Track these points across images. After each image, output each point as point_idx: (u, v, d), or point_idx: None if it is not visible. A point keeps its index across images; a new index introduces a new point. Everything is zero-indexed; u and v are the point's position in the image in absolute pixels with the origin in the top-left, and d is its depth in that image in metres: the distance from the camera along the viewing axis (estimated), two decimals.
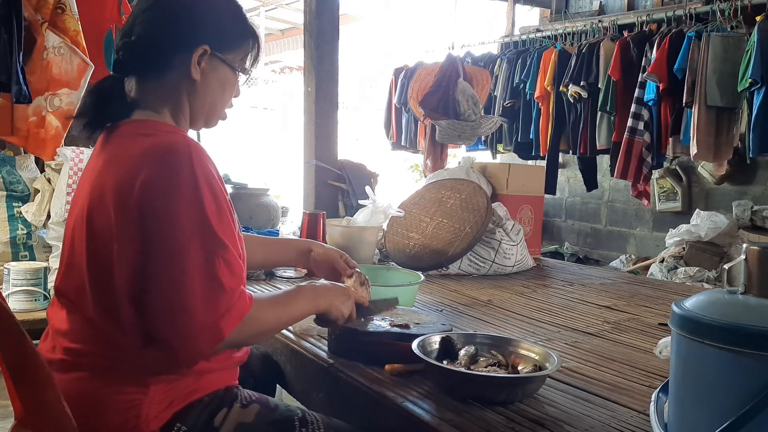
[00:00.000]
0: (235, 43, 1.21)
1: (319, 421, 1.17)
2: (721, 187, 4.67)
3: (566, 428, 1.03)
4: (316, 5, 3.30)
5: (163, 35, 1.15)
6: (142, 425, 1.05)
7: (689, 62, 3.84)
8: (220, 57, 1.18)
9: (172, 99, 1.18)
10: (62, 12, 2.90)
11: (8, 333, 0.90)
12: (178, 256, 1.01)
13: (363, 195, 2.56)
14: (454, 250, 2.25)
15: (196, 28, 1.16)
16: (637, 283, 2.49)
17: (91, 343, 1.09)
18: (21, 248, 3.09)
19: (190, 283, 1.00)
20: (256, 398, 1.19)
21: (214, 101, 1.21)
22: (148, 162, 1.04)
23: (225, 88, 1.22)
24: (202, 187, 1.04)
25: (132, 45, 1.16)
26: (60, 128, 2.98)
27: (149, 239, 1.02)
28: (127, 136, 1.12)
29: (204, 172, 1.05)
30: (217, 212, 1.05)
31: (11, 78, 2.68)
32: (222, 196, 1.08)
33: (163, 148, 1.07)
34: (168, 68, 1.16)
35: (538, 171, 3.10)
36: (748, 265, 0.83)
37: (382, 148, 6.22)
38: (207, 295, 1.01)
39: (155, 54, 1.15)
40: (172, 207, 1.02)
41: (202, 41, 1.15)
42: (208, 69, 1.17)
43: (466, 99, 3.12)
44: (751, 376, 0.77)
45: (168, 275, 1.01)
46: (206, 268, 1.01)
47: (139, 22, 1.17)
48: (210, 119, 1.24)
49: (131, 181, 1.03)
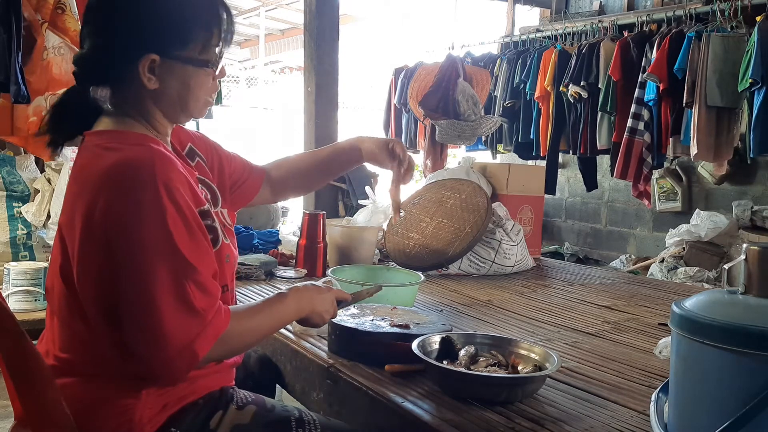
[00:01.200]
0: (184, 38, 1.08)
1: (317, 421, 1.16)
2: (721, 187, 4.67)
3: (566, 428, 1.03)
4: (316, 5, 3.30)
5: (107, 49, 1.07)
6: (136, 430, 1.04)
7: (689, 62, 3.84)
8: (173, 59, 1.07)
9: (139, 106, 1.11)
10: (62, 12, 2.90)
11: (8, 333, 0.90)
12: (146, 283, 0.97)
13: (363, 195, 2.56)
14: (454, 250, 2.25)
15: (134, 39, 1.06)
16: (637, 283, 2.49)
17: (78, 354, 1.07)
18: (21, 248, 3.09)
19: (160, 309, 0.96)
20: (252, 399, 1.18)
21: (184, 101, 1.12)
22: (110, 184, 0.99)
23: (191, 85, 1.11)
24: (167, 208, 0.98)
25: (83, 57, 1.10)
26: None
27: (116, 265, 0.98)
28: (93, 151, 1.06)
29: (169, 189, 0.99)
30: (186, 232, 1.00)
31: (10, 78, 2.68)
32: (190, 213, 1.02)
33: (124, 166, 1.00)
34: (123, 79, 1.08)
35: (538, 171, 3.10)
36: (748, 265, 0.83)
37: None
38: (178, 319, 0.97)
39: (104, 67, 1.08)
40: (137, 231, 0.97)
41: (146, 50, 1.05)
42: (164, 74, 1.08)
43: (466, 99, 3.12)
44: (751, 376, 0.77)
45: (137, 302, 0.97)
46: (176, 293, 0.97)
47: (84, 34, 1.10)
48: (191, 113, 1.15)
49: (93, 205, 0.99)
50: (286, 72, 11.06)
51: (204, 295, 1.01)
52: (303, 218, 2.23)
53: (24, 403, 0.97)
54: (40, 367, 0.95)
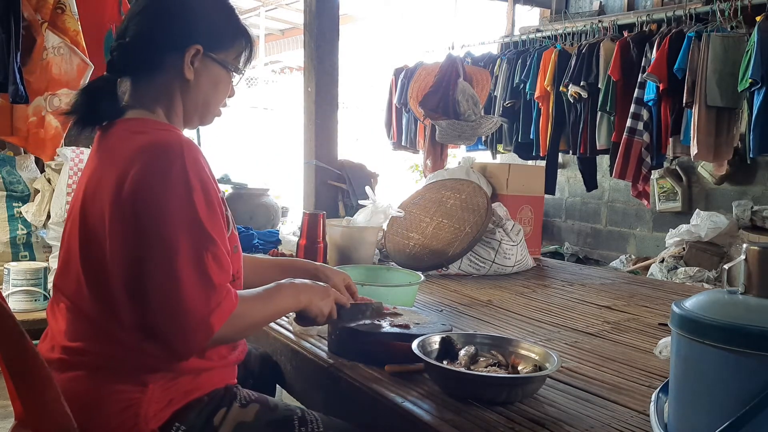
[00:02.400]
0: (228, 43, 1.22)
1: (319, 420, 1.17)
2: (721, 187, 4.67)
3: (566, 428, 1.03)
4: (316, 5, 3.30)
5: (156, 36, 1.16)
6: (141, 424, 1.05)
7: (689, 62, 3.84)
8: (213, 56, 1.19)
9: (165, 98, 1.19)
10: (62, 12, 2.90)
11: (8, 333, 0.90)
12: (169, 252, 1.02)
13: (363, 195, 2.56)
14: (454, 250, 2.25)
15: (188, 28, 1.17)
16: (637, 283, 2.49)
17: (90, 340, 1.09)
18: (21, 248, 3.09)
19: (181, 279, 1.01)
20: (255, 398, 1.19)
21: (207, 100, 1.23)
22: (141, 157, 1.05)
23: (218, 87, 1.23)
24: (192, 183, 1.05)
25: (125, 46, 1.17)
26: (59, 128, 2.98)
27: (141, 234, 1.03)
28: (122, 134, 1.13)
29: (196, 169, 1.06)
30: (206, 208, 1.06)
31: (8, 78, 2.68)
32: (214, 193, 1.09)
33: (156, 144, 1.08)
34: (161, 68, 1.17)
35: (538, 171, 3.10)
36: (748, 265, 0.83)
37: (382, 148, 6.22)
38: (198, 290, 1.02)
39: (148, 54, 1.17)
40: (162, 201, 1.03)
41: (194, 41, 1.16)
42: (201, 68, 1.19)
43: (466, 99, 3.12)
44: (751, 376, 0.77)
45: (160, 271, 1.02)
46: (196, 264, 1.03)
47: (132, 24, 1.18)
48: (204, 117, 1.25)
49: (124, 177, 1.04)
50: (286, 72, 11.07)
51: (220, 270, 1.06)
52: (303, 218, 2.23)
53: (24, 403, 0.97)
54: (40, 367, 0.95)
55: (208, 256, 1.04)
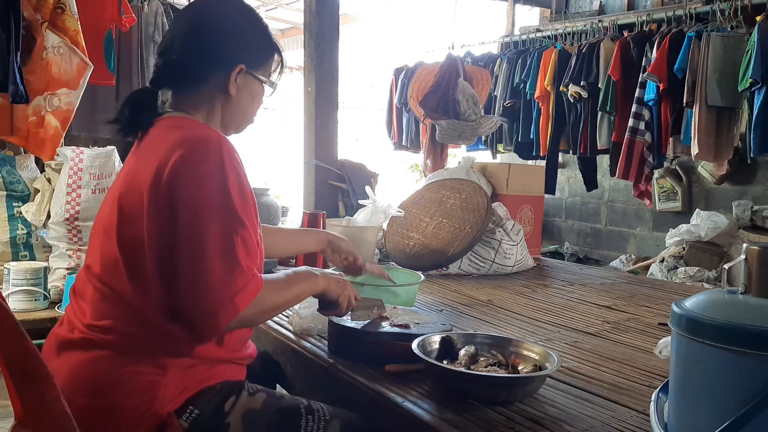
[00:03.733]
0: (264, 59, 1.32)
1: (324, 409, 1.20)
2: (721, 187, 4.66)
3: (566, 428, 1.03)
4: (316, 5, 3.30)
5: (205, 56, 1.25)
6: (157, 406, 1.10)
7: (689, 62, 3.84)
8: (253, 73, 1.29)
9: (206, 108, 1.27)
10: (62, 12, 2.90)
11: (8, 333, 0.90)
12: (200, 233, 1.07)
13: (363, 195, 2.56)
14: (454, 250, 2.25)
15: (233, 49, 1.26)
16: (637, 283, 2.49)
17: (118, 320, 1.13)
18: (21, 248, 3.09)
19: (210, 259, 1.06)
20: (262, 389, 1.24)
21: (245, 112, 1.32)
22: (180, 148, 1.12)
23: (255, 99, 1.33)
24: (228, 172, 1.11)
25: (172, 63, 1.26)
26: (59, 128, 2.98)
27: (175, 217, 1.08)
28: (162, 130, 1.21)
29: (232, 161, 1.13)
30: (240, 195, 1.12)
31: (8, 77, 2.68)
32: (248, 186, 1.16)
33: (195, 137, 1.15)
34: (205, 83, 1.26)
35: (538, 171, 3.10)
36: (748, 265, 0.83)
37: (382, 148, 6.22)
38: (225, 271, 1.07)
39: (194, 72, 1.25)
40: (198, 186, 1.09)
41: (239, 60, 1.26)
42: (242, 84, 1.28)
43: (466, 99, 3.12)
44: (751, 376, 0.77)
45: (190, 250, 1.07)
46: (225, 245, 1.08)
47: (179, 43, 1.26)
48: (240, 127, 1.35)
49: (164, 165, 1.10)
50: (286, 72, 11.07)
51: (248, 255, 1.11)
52: (303, 218, 2.23)
53: (24, 402, 0.97)
54: (40, 367, 0.95)
55: (237, 239, 1.09)
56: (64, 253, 2.91)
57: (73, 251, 2.91)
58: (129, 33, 3.80)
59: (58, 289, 2.86)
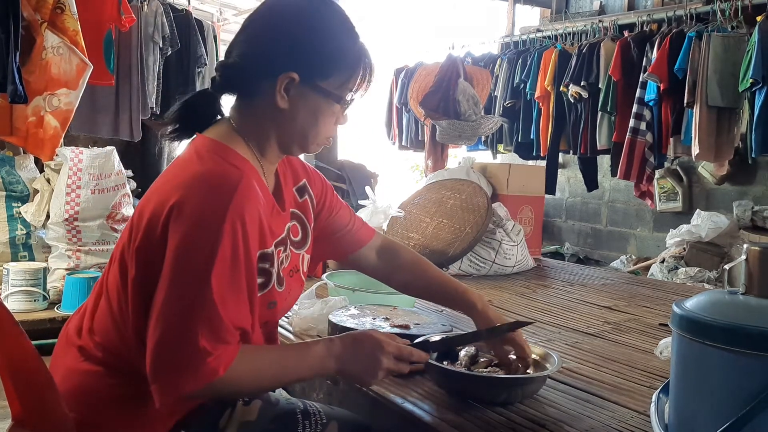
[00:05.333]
0: (334, 69, 1.10)
1: (321, 411, 1.17)
2: (721, 187, 4.66)
3: (566, 429, 1.03)
4: None
5: (251, 60, 1.10)
6: (148, 428, 1.05)
7: (690, 62, 3.84)
8: (313, 85, 1.09)
9: (258, 124, 1.12)
10: (61, 12, 2.90)
11: (7, 333, 0.90)
12: (168, 299, 0.96)
13: (363, 195, 2.56)
14: (454, 250, 2.24)
15: (282, 54, 1.08)
16: (637, 283, 2.49)
17: (112, 340, 1.08)
18: (20, 248, 3.09)
19: (168, 330, 0.95)
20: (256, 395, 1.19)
21: (304, 131, 1.12)
22: (188, 191, 1.00)
23: (318, 117, 1.12)
24: (225, 231, 0.97)
25: (227, 66, 1.12)
26: (59, 128, 2.98)
27: (160, 268, 0.98)
28: (194, 151, 1.09)
29: (235, 223, 0.98)
30: (230, 262, 0.98)
31: (7, 78, 2.68)
32: (244, 254, 1.00)
33: (209, 179, 1.01)
34: (257, 93, 1.10)
35: (539, 171, 3.10)
36: (748, 266, 0.83)
37: (382, 148, 6.22)
38: (176, 350, 0.95)
39: (244, 78, 1.11)
40: (186, 243, 0.97)
41: (289, 68, 1.07)
42: (297, 97, 1.09)
43: (466, 99, 3.12)
44: (752, 376, 0.76)
45: (159, 308, 0.97)
46: (186, 323, 0.95)
47: (237, 44, 1.13)
48: (305, 147, 1.16)
49: (167, 205, 0.99)
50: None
51: (211, 335, 0.96)
52: None
53: (23, 403, 0.97)
54: (39, 367, 0.95)
55: (201, 319, 0.95)
56: (64, 254, 2.91)
57: (73, 252, 2.91)
58: (129, 33, 3.80)
59: (57, 289, 2.85)
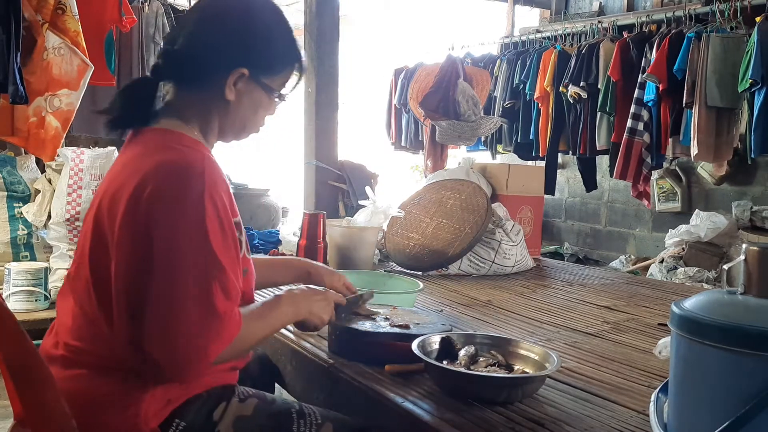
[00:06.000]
0: (278, 68, 1.21)
1: (316, 412, 1.18)
2: (720, 187, 4.67)
3: (566, 428, 1.04)
4: (317, 6, 3.30)
5: (203, 52, 1.15)
6: (141, 424, 1.05)
7: (689, 63, 3.84)
8: (258, 81, 1.17)
9: (202, 112, 1.17)
10: (62, 12, 2.90)
11: (8, 333, 0.90)
12: (177, 277, 1.00)
13: (363, 195, 2.56)
14: (454, 250, 2.25)
15: (237, 51, 1.15)
16: (636, 283, 2.49)
17: (91, 341, 1.08)
18: (22, 248, 3.09)
19: (185, 307, 0.99)
20: (253, 393, 1.20)
21: (244, 121, 1.21)
22: (161, 174, 1.04)
23: (258, 110, 1.22)
24: (207, 207, 1.02)
25: (173, 54, 1.16)
26: (60, 129, 2.98)
27: (149, 255, 1.00)
28: (148, 145, 1.12)
29: (213, 192, 1.04)
30: (220, 234, 1.04)
31: (8, 78, 2.68)
32: (226, 219, 1.06)
33: (177, 162, 1.06)
34: (203, 83, 1.16)
35: (538, 171, 3.10)
36: (747, 266, 0.83)
37: (382, 149, 6.22)
38: (201, 320, 1.00)
39: (193, 68, 1.15)
40: (175, 224, 1.01)
41: (241, 64, 1.14)
42: (244, 91, 1.17)
43: (466, 99, 3.12)
44: (751, 376, 0.77)
45: (165, 295, 0.99)
46: (202, 292, 1.00)
47: (184, 33, 1.17)
48: (239, 135, 1.25)
49: (141, 191, 1.02)
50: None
51: (226, 298, 1.03)
52: (303, 218, 2.23)
53: (24, 403, 0.98)
54: (40, 367, 0.95)
55: (215, 285, 1.02)
56: (65, 254, 2.91)
57: (74, 252, 2.92)
58: (130, 34, 3.80)
59: (58, 289, 2.85)
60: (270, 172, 7.79)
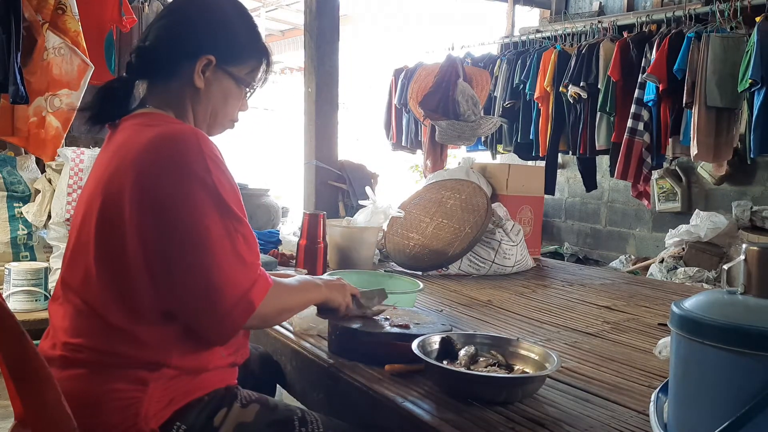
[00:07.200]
0: (243, 58, 1.26)
1: (319, 420, 1.17)
2: (720, 187, 4.67)
3: (566, 428, 1.04)
4: (317, 6, 3.30)
5: (171, 43, 1.21)
6: (141, 423, 1.05)
7: (689, 63, 3.84)
8: (225, 69, 1.23)
9: (176, 101, 1.22)
10: (63, 13, 2.90)
11: (8, 333, 0.90)
12: (201, 237, 1.04)
13: (363, 195, 2.56)
14: (454, 250, 2.25)
15: (203, 39, 1.20)
16: (636, 283, 2.49)
17: (91, 336, 1.08)
18: (22, 248, 3.09)
19: (215, 262, 1.04)
20: (255, 398, 1.19)
21: (215, 110, 1.25)
22: (157, 147, 1.08)
23: (228, 99, 1.26)
24: (211, 166, 1.07)
25: (144, 50, 1.22)
26: (60, 129, 2.98)
27: (169, 223, 1.05)
28: (134, 128, 1.15)
29: (212, 155, 1.09)
30: (230, 190, 1.10)
31: (8, 78, 2.68)
32: (232, 177, 1.13)
33: (170, 134, 1.10)
34: (174, 74, 1.21)
35: (538, 171, 3.10)
36: (747, 266, 0.83)
37: (382, 149, 6.22)
38: (232, 271, 1.05)
39: (163, 60, 1.20)
40: (187, 189, 1.05)
41: (207, 51, 1.20)
42: (212, 79, 1.22)
43: (465, 99, 3.12)
44: (751, 376, 0.77)
45: (193, 256, 1.04)
46: (229, 245, 1.06)
47: (154, 29, 1.23)
48: (212, 128, 1.28)
49: (142, 167, 1.06)
50: (287, 73, 11.07)
51: (249, 250, 1.09)
52: (303, 218, 2.23)
53: (24, 403, 0.98)
54: (40, 367, 0.95)
55: (238, 237, 1.07)
56: None
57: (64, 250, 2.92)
58: (130, 34, 3.80)
59: None
60: (270, 172, 7.80)
